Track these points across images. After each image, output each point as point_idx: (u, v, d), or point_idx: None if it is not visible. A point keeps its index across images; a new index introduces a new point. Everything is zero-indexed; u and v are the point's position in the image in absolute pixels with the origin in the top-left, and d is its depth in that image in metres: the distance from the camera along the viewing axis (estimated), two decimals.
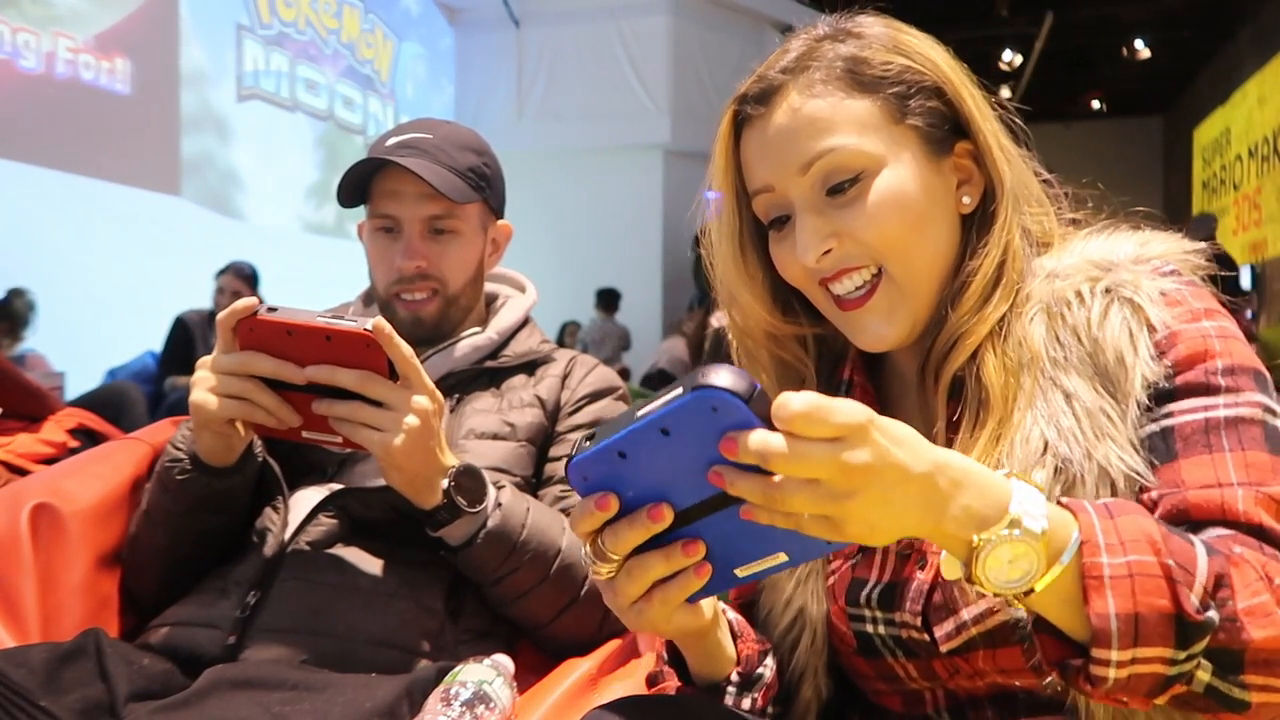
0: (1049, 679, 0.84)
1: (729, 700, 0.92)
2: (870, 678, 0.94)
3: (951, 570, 0.72)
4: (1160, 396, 0.84)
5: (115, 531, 1.38)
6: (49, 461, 2.04)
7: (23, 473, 1.99)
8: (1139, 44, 11.77)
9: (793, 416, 0.63)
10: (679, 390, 0.65)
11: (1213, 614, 0.70)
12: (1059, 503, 0.73)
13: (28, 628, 1.26)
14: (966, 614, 0.85)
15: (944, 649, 0.86)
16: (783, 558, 0.71)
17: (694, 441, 0.66)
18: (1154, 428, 0.83)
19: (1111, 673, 0.70)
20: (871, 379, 1.00)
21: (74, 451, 2.13)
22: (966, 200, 0.93)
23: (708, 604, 0.85)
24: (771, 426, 0.64)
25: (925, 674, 0.90)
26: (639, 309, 9.00)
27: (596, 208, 9.37)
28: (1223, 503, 0.78)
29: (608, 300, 9.02)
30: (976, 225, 0.93)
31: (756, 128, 0.93)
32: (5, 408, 2.21)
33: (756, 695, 0.94)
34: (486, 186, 1.46)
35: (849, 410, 0.64)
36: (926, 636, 0.88)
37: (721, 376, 0.64)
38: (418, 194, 1.40)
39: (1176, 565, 0.70)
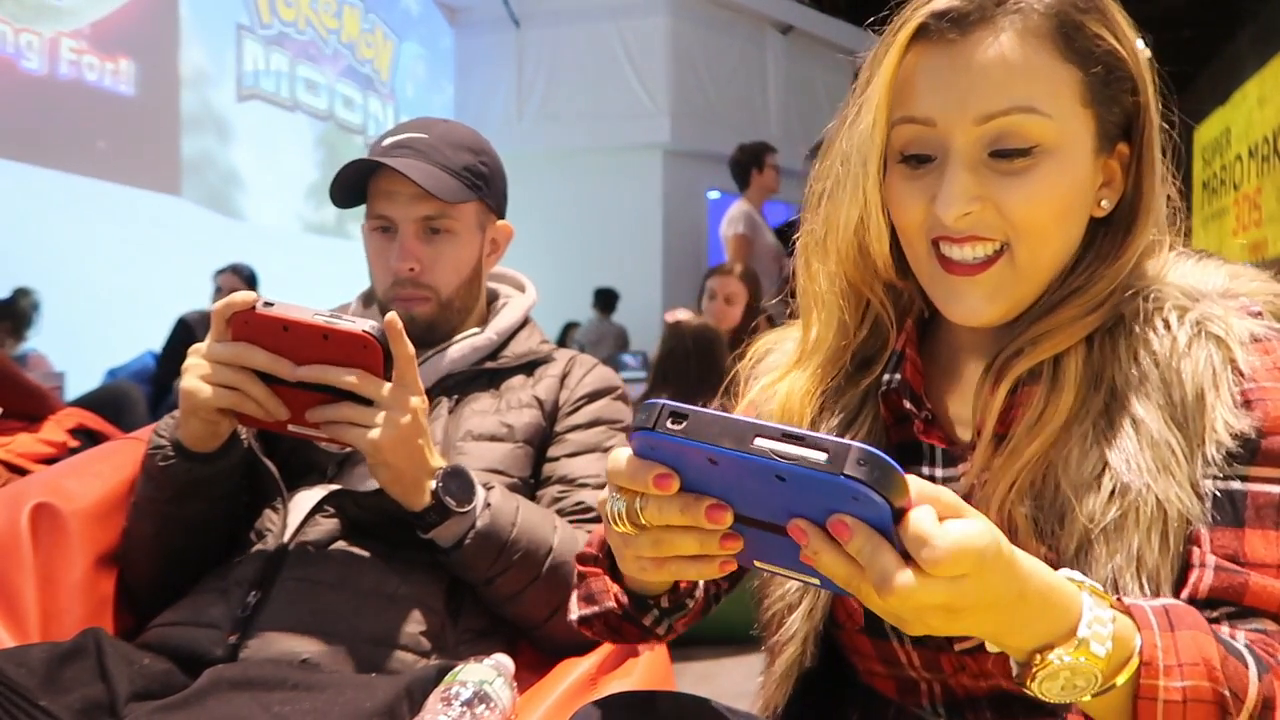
0: None
1: (647, 621, 0.91)
2: (869, 657, 0.92)
3: (995, 648, 0.71)
4: (1242, 451, 0.80)
5: (115, 531, 1.38)
6: (49, 461, 2.04)
7: (23, 473, 1.99)
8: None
9: (938, 561, 0.60)
10: (822, 458, 0.59)
11: None
12: (1120, 602, 0.71)
13: (28, 627, 1.26)
14: None
15: (958, 647, 0.85)
16: (814, 581, 0.67)
17: (801, 495, 0.61)
18: (1232, 486, 0.80)
19: None
20: (921, 352, 0.95)
21: (74, 451, 2.14)
22: (1104, 204, 0.87)
23: None
24: (894, 509, 0.60)
25: (929, 665, 0.89)
26: (639, 309, 8.99)
27: (596, 208, 9.37)
28: None
29: (604, 300, 9.01)
30: (1106, 235, 0.88)
31: (943, 52, 0.82)
32: (5, 408, 2.21)
33: (675, 622, 0.93)
34: (484, 186, 1.46)
35: (981, 549, 0.62)
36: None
37: (878, 475, 0.59)
38: (411, 194, 1.40)
39: (1230, 694, 0.70)
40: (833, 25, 10.45)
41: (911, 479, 0.62)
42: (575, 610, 0.96)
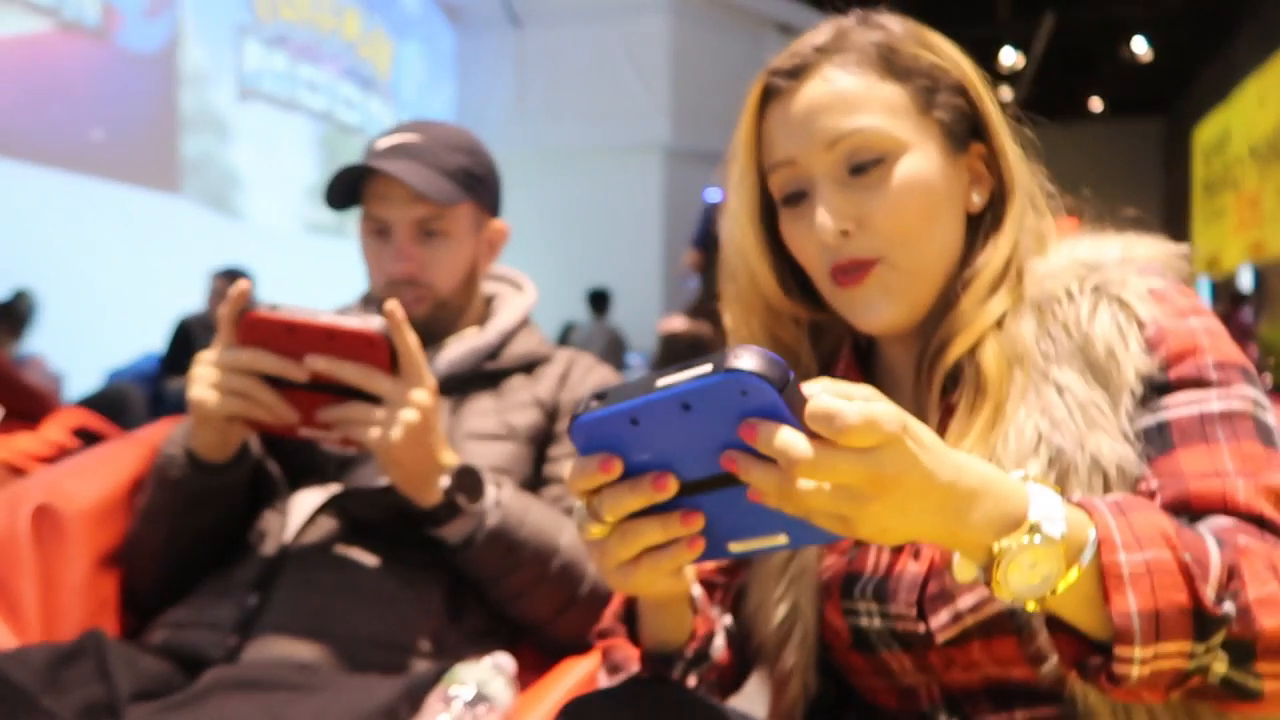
0: (1045, 670, 0.84)
1: (675, 674, 0.94)
2: (865, 673, 0.94)
3: (965, 573, 0.72)
4: (1154, 390, 0.86)
5: (115, 531, 1.38)
6: (49, 461, 2.04)
7: (23, 473, 1.99)
8: (1139, 44, 11.78)
9: (850, 429, 0.62)
10: (708, 368, 0.63)
11: (1229, 606, 0.71)
12: (1072, 502, 0.73)
13: (28, 628, 1.26)
14: (962, 604, 0.85)
15: (940, 639, 0.87)
16: (782, 539, 0.70)
17: (713, 420, 0.65)
18: (1150, 421, 0.85)
19: (1135, 670, 0.70)
20: (864, 376, 1.01)
21: (74, 452, 2.13)
22: (976, 199, 0.95)
23: (688, 570, 0.86)
24: (800, 416, 0.63)
25: (920, 667, 0.90)
26: (639, 309, 9.00)
27: (596, 208, 9.38)
28: (1224, 493, 0.79)
29: (596, 301, 8.97)
30: (984, 226, 0.95)
31: (785, 101, 0.93)
32: (5, 408, 2.21)
33: (703, 673, 0.95)
34: (478, 186, 1.46)
35: (885, 417, 0.64)
36: (921, 628, 0.88)
37: (756, 361, 0.62)
38: (405, 197, 1.40)
39: (1192, 560, 0.71)
40: None
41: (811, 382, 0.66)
42: (603, 683, 0.97)
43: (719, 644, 0.97)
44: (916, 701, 0.93)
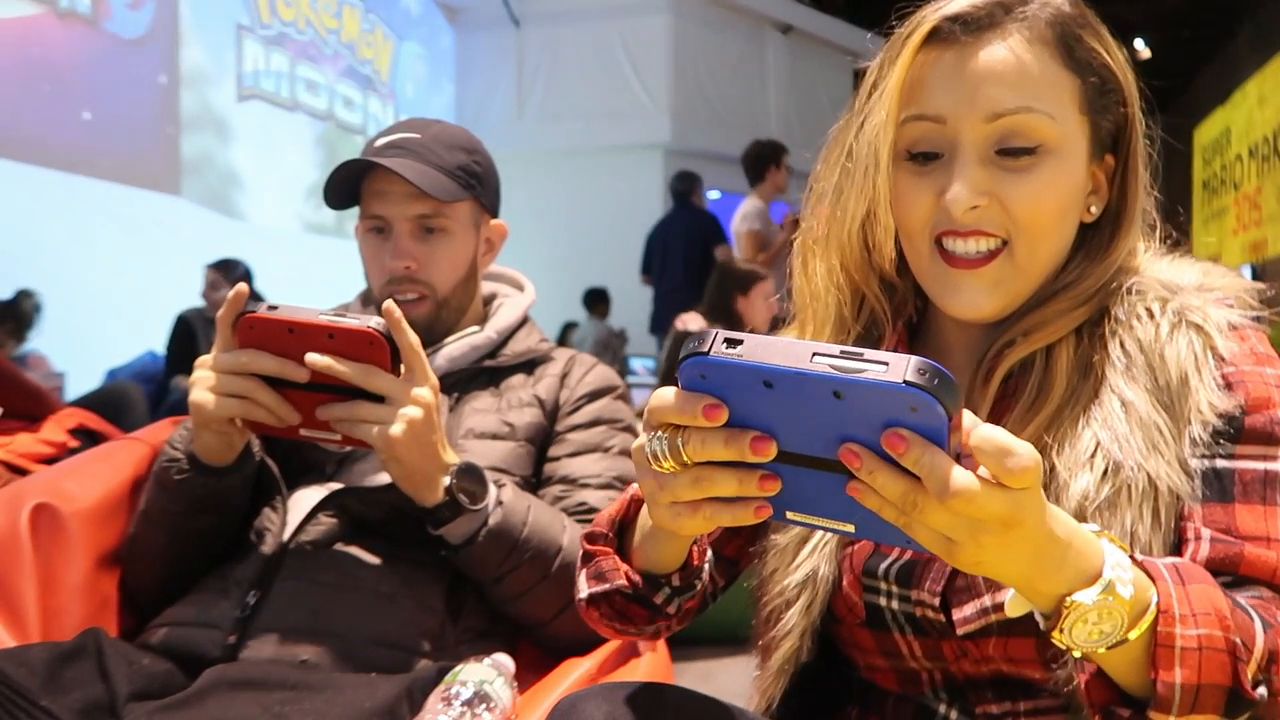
0: (1056, 673, 0.84)
1: (659, 599, 0.91)
2: (870, 651, 0.93)
3: (1018, 608, 0.73)
4: (1229, 430, 0.85)
5: (115, 531, 1.38)
6: (49, 461, 2.04)
7: (23, 473, 1.99)
8: (1139, 44, 11.78)
9: (1025, 470, 0.62)
10: (883, 369, 0.58)
11: (1263, 690, 0.73)
12: (1134, 560, 0.74)
13: (28, 628, 1.26)
14: (989, 599, 0.84)
15: (961, 632, 0.86)
16: (849, 528, 0.66)
17: (856, 413, 0.60)
18: (1219, 464, 0.84)
19: None
20: (911, 351, 0.97)
21: (74, 451, 2.13)
22: (1093, 209, 0.93)
23: None
24: (950, 437, 0.60)
25: (930, 654, 0.90)
26: (638, 309, 8.99)
27: (596, 208, 9.37)
28: (1276, 567, 0.81)
29: (595, 301, 8.94)
30: (1093, 238, 0.93)
31: (955, 53, 0.87)
32: (5, 408, 2.21)
33: (683, 603, 0.93)
34: (477, 184, 1.46)
35: (1038, 462, 0.64)
36: (943, 617, 0.87)
37: (940, 382, 0.58)
38: (405, 193, 1.40)
39: (1240, 643, 0.72)
40: (833, 25, 10.45)
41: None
42: (584, 589, 0.94)
43: (704, 576, 0.95)
44: (918, 686, 0.92)
